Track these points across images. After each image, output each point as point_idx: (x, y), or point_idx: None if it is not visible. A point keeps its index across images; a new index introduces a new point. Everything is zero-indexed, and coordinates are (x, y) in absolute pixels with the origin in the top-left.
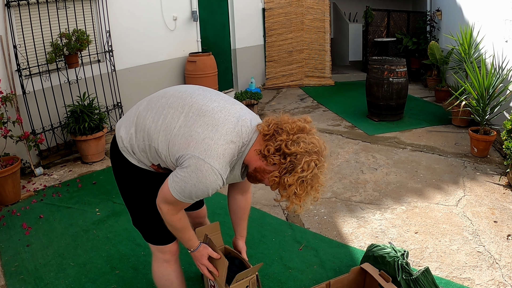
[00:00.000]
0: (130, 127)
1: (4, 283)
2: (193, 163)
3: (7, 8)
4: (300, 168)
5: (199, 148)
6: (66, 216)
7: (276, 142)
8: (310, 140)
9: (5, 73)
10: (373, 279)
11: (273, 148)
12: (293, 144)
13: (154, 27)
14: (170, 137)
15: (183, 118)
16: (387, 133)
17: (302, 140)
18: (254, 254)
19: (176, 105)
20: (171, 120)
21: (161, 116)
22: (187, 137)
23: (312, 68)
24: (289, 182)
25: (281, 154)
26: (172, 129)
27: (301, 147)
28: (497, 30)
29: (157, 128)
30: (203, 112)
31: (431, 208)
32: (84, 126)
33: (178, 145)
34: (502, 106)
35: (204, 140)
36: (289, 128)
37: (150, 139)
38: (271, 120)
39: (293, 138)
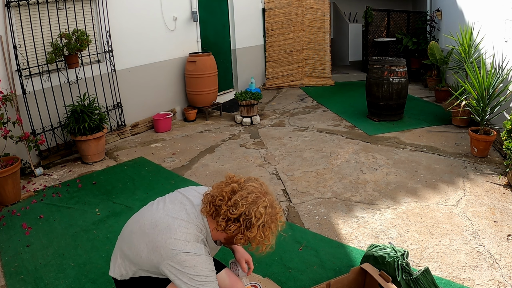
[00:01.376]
0: (116, 259)
1: (4, 283)
2: (178, 264)
3: (7, 8)
4: (255, 219)
5: (168, 251)
6: (66, 216)
7: (221, 216)
8: (246, 193)
9: (5, 73)
10: (373, 279)
11: (224, 222)
12: (235, 208)
13: (154, 27)
14: (145, 258)
15: (145, 237)
16: (387, 133)
17: (239, 200)
18: (254, 254)
19: (137, 230)
20: (137, 246)
21: (132, 246)
22: (154, 250)
23: (312, 68)
24: (253, 235)
25: (233, 221)
26: (140, 253)
27: (242, 205)
28: (497, 30)
29: (134, 258)
30: (154, 224)
31: (431, 208)
32: (84, 126)
33: (156, 260)
34: (502, 106)
35: (167, 241)
36: (222, 199)
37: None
38: (206, 199)
39: (231, 204)
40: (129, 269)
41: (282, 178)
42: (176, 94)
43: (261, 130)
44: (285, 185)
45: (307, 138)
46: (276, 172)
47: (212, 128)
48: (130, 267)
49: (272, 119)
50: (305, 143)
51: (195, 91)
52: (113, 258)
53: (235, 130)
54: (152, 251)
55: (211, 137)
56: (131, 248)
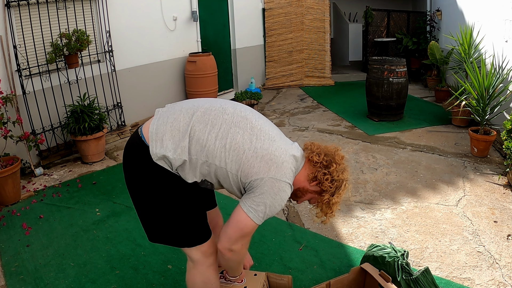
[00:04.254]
0: (181, 139)
1: (4, 283)
2: (275, 185)
3: (7, 8)
4: (342, 189)
5: (280, 171)
6: (66, 216)
7: (329, 172)
8: (347, 165)
9: (5, 73)
10: (373, 279)
11: (330, 177)
12: (341, 173)
13: (154, 27)
14: (244, 158)
15: (256, 140)
16: (387, 133)
17: (345, 169)
18: (254, 254)
19: (244, 126)
20: (242, 141)
21: (228, 134)
22: (267, 160)
23: (312, 68)
24: (334, 201)
25: (331, 181)
26: (245, 150)
27: (345, 175)
28: (497, 30)
29: (225, 148)
30: (273, 137)
31: (431, 208)
32: (84, 126)
33: (257, 168)
34: (502, 106)
35: (283, 164)
36: (338, 159)
37: (211, 156)
38: (319, 150)
39: (339, 168)
40: (194, 156)
41: None
42: (176, 94)
43: None
44: None
45: (307, 138)
46: None
47: None
48: (198, 154)
49: (272, 119)
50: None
51: (195, 91)
52: (171, 134)
53: None
54: (261, 159)
55: None
56: (227, 138)
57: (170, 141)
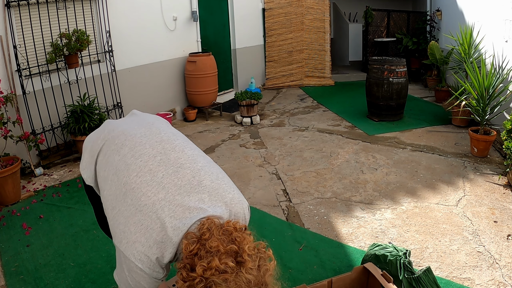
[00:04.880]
0: (91, 163)
1: (4, 283)
2: (127, 262)
3: (7, 8)
4: None
5: (129, 250)
6: (66, 216)
7: (189, 275)
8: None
9: (5, 73)
10: (375, 279)
11: (182, 282)
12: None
13: (154, 27)
14: (110, 215)
15: (122, 202)
16: (387, 133)
17: (218, 281)
18: None
19: (121, 178)
20: (112, 195)
21: (107, 180)
22: (121, 230)
23: (312, 68)
24: None
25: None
26: (111, 207)
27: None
28: (497, 30)
29: (103, 194)
30: (141, 207)
31: (431, 208)
32: (84, 126)
33: (113, 232)
34: (502, 106)
35: (135, 244)
36: (208, 266)
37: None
38: (203, 234)
39: (209, 279)
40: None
41: (282, 178)
42: (176, 94)
43: (261, 130)
44: (285, 185)
45: (307, 138)
46: (276, 172)
47: (212, 128)
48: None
49: (272, 119)
50: (305, 143)
51: (195, 91)
52: (91, 153)
53: (235, 130)
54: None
55: (211, 137)
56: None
57: (86, 160)
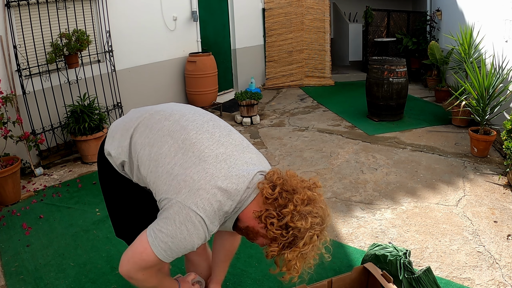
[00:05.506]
0: (124, 140)
1: (4, 283)
2: (182, 212)
3: (7, 8)
4: (302, 243)
5: (192, 198)
6: (66, 216)
7: (281, 213)
8: (317, 212)
9: (5, 73)
10: (375, 279)
11: (276, 221)
12: (300, 219)
13: (154, 27)
14: (160, 172)
15: (181, 156)
16: (387, 133)
17: (310, 214)
18: (254, 254)
19: (177, 136)
20: (167, 152)
21: (157, 142)
22: (179, 180)
23: (312, 68)
24: (289, 258)
25: (284, 227)
26: (164, 163)
27: (308, 223)
28: (497, 30)
29: (150, 156)
30: (204, 157)
31: (431, 208)
32: (84, 126)
33: (167, 185)
34: (502, 106)
35: (198, 191)
36: (298, 201)
37: (141, 162)
38: (277, 180)
39: (300, 211)
40: (134, 159)
41: None
42: (176, 94)
43: (261, 130)
44: None
45: (307, 138)
46: None
47: None
48: (134, 158)
49: (272, 119)
50: (305, 143)
51: (195, 91)
52: (121, 133)
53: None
54: (174, 177)
55: None
56: (155, 145)
57: (117, 139)
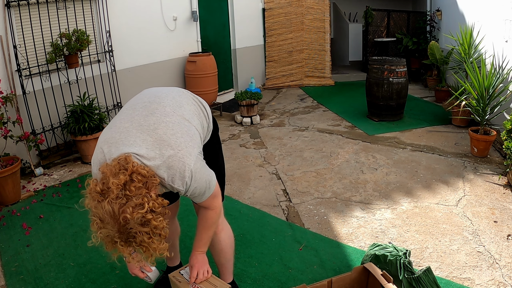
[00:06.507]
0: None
1: (4, 283)
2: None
3: (7, 8)
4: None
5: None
6: (66, 216)
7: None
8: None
9: (5, 73)
10: (375, 279)
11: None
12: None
13: (154, 27)
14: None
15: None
16: (387, 133)
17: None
18: (254, 254)
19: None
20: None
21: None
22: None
23: (312, 68)
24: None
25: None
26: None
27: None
28: (497, 30)
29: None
30: (112, 124)
31: (431, 208)
32: (84, 126)
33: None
34: (502, 106)
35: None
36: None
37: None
38: (108, 170)
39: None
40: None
41: (282, 178)
42: None
43: (261, 130)
44: (285, 185)
45: (307, 138)
46: (276, 172)
47: None
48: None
49: (272, 119)
50: (305, 143)
51: (195, 91)
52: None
53: (235, 130)
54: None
55: None
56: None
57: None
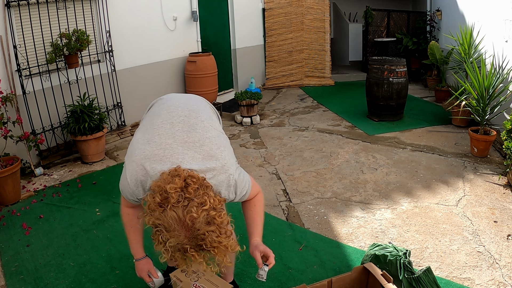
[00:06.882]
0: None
1: (4, 283)
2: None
3: (7, 8)
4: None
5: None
6: (66, 216)
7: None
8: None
9: (5, 73)
10: (375, 279)
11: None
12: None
13: (154, 27)
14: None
15: (141, 134)
16: (387, 133)
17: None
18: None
19: (151, 120)
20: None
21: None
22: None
23: (312, 68)
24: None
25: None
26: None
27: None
28: (497, 30)
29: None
30: (151, 141)
31: (431, 208)
32: (84, 126)
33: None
34: (502, 106)
35: (131, 163)
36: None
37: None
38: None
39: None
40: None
41: (282, 178)
42: None
43: (261, 130)
44: (285, 185)
45: (307, 138)
46: (276, 172)
47: None
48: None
49: (272, 119)
50: (305, 143)
51: (195, 91)
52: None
53: (235, 130)
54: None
55: None
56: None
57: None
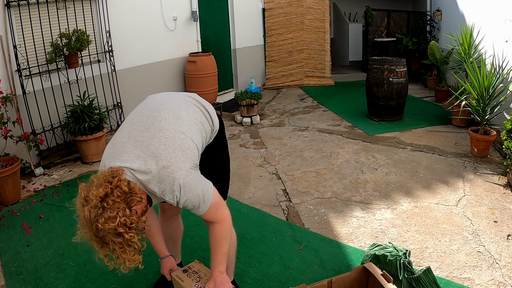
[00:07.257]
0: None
1: (4, 283)
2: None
3: (7, 8)
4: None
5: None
6: (66, 216)
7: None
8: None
9: (5, 73)
10: (375, 279)
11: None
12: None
13: (154, 27)
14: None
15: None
16: (387, 133)
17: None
18: (254, 254)
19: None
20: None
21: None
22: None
23: (312, 68)
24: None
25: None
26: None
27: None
28: (497, 30)
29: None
30: (116, 138)
31: (431, 208)
32: (84, 126)
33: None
34: (502, 106)
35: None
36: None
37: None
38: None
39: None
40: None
41: (282, 178)
42: None
43: (261, 130)
44: (285, 185)
45: (307, 138)
46: (276, 172)
47: None
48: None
49: (272, 119)
50: (305, 143)
51: (195, 91)
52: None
53: (235, 130)
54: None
55: None
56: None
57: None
